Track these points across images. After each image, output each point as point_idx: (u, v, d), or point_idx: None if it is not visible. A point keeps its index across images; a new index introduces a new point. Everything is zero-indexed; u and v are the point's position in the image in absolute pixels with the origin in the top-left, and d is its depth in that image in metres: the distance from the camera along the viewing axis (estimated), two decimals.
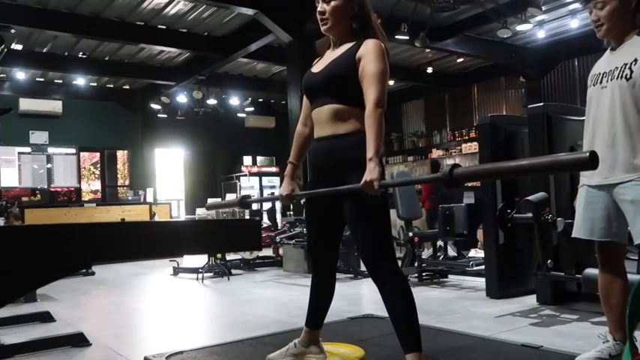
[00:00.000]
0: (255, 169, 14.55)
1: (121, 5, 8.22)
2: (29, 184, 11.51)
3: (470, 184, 10.94)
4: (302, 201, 8.56)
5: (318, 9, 2.30)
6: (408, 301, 2.20)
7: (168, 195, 13.21)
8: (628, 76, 2.38)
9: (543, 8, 7.39)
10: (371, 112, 2.13)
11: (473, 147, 11.78)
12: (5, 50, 4.41)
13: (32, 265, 1.31)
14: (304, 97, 2.50)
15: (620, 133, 2.39)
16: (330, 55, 2.35)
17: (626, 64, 2.40)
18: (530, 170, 1.76)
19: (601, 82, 2.50)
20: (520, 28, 8.02)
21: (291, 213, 8.41)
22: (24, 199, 10.47)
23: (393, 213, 4.09)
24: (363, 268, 6.12)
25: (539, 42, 10.14)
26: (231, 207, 2.78)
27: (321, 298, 2.50)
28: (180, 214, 13.33)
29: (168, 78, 11.41)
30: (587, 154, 1.43)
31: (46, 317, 4.20)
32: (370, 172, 2.05)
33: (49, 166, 12.26)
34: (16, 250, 1.27)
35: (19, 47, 9.32)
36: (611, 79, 2.44)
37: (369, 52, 2.20)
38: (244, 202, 2.65)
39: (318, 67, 2.39)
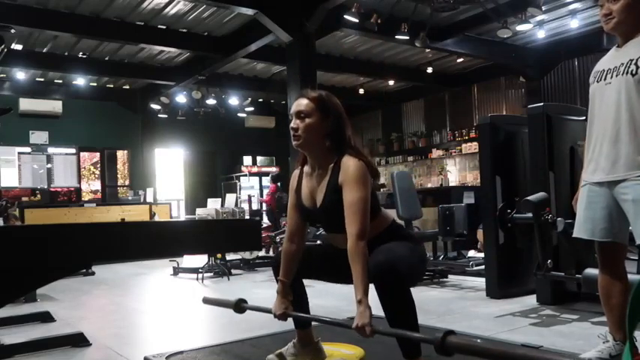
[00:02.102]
0: (255, 169, 14.56)
1: (121, 5, 8.22)
2: (29, 184, 11.50)
3: (470, 184, 10.95)
4: None
5: (291, 125, 2.27)
6: (408, 305, 2.17)
7: (168, 195, 13.21)
8: (634, 72, 2.37)
9: (543, 8, 7.39)
10: (354, 247, 2.09)
11: (473, 147, 11.78)
12: (5, 50, 4.41)
13: (32, 265, 1.31)
14: (290, 212, 2.43)
15: (624, 129, 2.38)
16: (314, 183, 2.32)
17: (632, 60, 2.39)
18: None
19: (605, 79, 2.49)
20: (520, 28, 8.02)
21: None
22: (24, 199, 10.45)
23: (393, 213, 4.08)
24: None
25: (539, 42, 10.14)
26: (227, 307, 2.75)
27: (296, 298, 2.48)
28: (180, 214, 13.33)
29: (168, 78, 11.41)
30: None
31: (46, 317, 4.20)
32: (361, 317, 2.03)
33: (49, 166, 12.26)
34: (16, 250, 1.27)
35: (19, 47, 9.32)
36: (617, 75, 2.43)
37: (348, 180, 2.16)
38: (240, 306, 2.63)
39: (306, 197, 2.35)
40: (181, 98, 12.02)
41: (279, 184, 9.91)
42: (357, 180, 2.15)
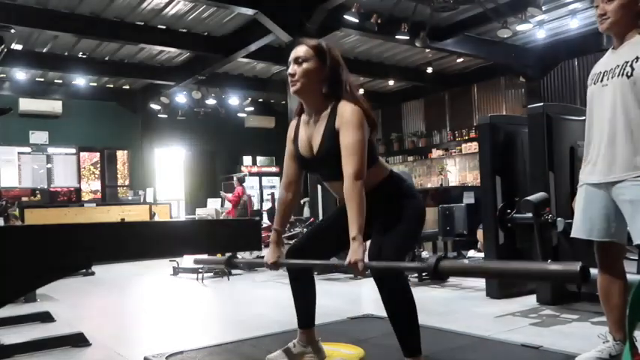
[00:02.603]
0: (255, 169, 14.56)
1: (121, 5, 8.22)
2: (29, 184, 11.51)
3: (469, 185, 10.96)
4: (302, 201, 8.58)
5: (289, 70, 2.27)
6: (408, 304, 2.19)
7: (168, 195, 13.21)
8: (629, 74, 2.37)
9: (543, 8, 7.39)
10: (350, 186, 2.09)
11: (473, 147, 11.79)
12: (5, 50, 4.41)
13: (32, 265, 1.31)
14: (287, 161, 2.44)
15: (620, 131, 2.38)
16: (311, 131, 2.31)
17: (627, 62, 2.39)
18: (519, 275, 1.72)
19: (602, 81, 2.49)
20: (520, 28, 8.03)
21: None
22: (24, 199, 10.46)
23: None
24: None
25: (539, 42, 10.15)
26: (218, 265, 2.73)
27: (305, 299, 2.49)
28: (180, 214, 13.33)
29: (168, 78, 11.41)
30: (578, 268, 1.36)
31: (45, 317, 4.20)
32: (354, 253, 2.03)
33: (49, 166, 12.26)
34: (16, 250, 1.27)
35: (19, 47, 9.32)
36: (612, 77, 2.44)
37: (345, 123, 2.17)
38: (231, 262, 2.60)
39: (303, 145, 2.35)
40: (181, 98, 12.03)
41: (244, 185, 9.79)
42: (353, 123, 2.16)
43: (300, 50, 2.27)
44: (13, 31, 5.12)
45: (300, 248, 2.45)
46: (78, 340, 3.42)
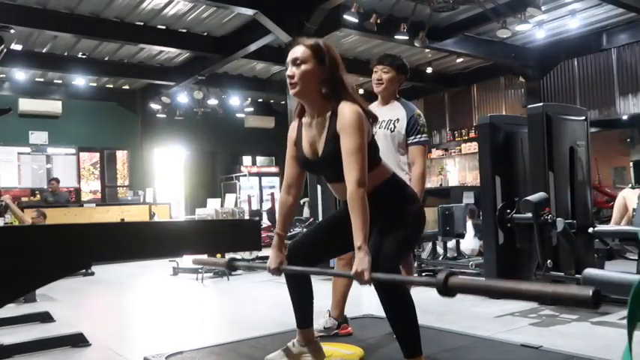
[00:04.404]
0: (254, 170, 14.55)
1: (121, 5, 8.22)
2: (29, 185, 11.50)
3: (469, 185, 10.95)
4: (302, 201, 8.57)
5: (287, 72, 2.25)
6: (407, 305, 2.19)
7: (167, 195, 13.20)
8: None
9: (543, 8, 7.39)
10: (353, 194, 2.08)
11: (472, 147, 11.79)
12: (5, 50, 4.42)
13: (32, 265, 1.31)
14: (288, 163, 2.42)
15: None
16: (314, 133, 2.30)
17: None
18: (532, 296, 1.72)
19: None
20: (519, 28, 8.03)
21: None
22: (23, 199, 10.46)
23: None
24: None
25: (539, 42, 10.15)
26: (219, 266, 2.70)
27: (303, 299, 2.49)
28: (180, 214, 13.32)
29: (168, 78, 11.41)
30: (590, 293, 1.34)
31: (45, 317, 4.20)
32: (360, 263, 2.02)
33: (48, 166, 12.25)
34: (16, 250, 1.26)
35: (18, 47, 9.31)
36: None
37: (344, 127, 2.15)
38: (232, 264, 2.59)
39: (307, 147, 2.34)
40: (182, 98, 12.02)
41: None
42: (352, 127, 2.14)
43: (298, 51, 2.25)
44: (12, 31, 5.13)
45: (300, 250, 2.44)
46: (78, 340, 3.42)
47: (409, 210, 2.31)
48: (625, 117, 9.86)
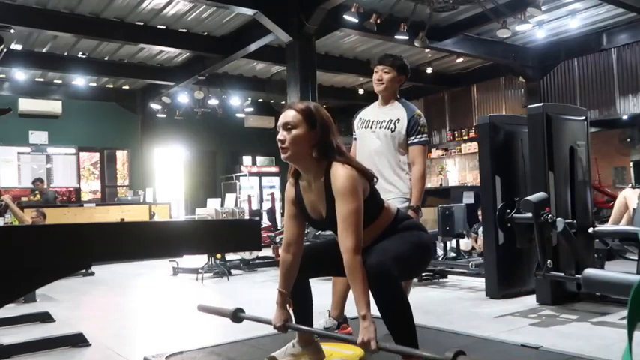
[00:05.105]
0: (254, 170, 14.55)
1: (121, 5, 8.22)
2: (29, 185, 11.50)
3: (469, 185, 10.95)
4: None
5: (278, 137, 2.25)
6: (402, 305, 2.19)
7: (167, 195, 13.21)
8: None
9: (543, 8, 7.39)
10: (350, 263, 2.09)
11: (472, 147, 11.79)
12: (5, 50, 4.41)
13: (32, 265, 1.31)
14: (287, 222, 2.42)
15: None
16: (314, 196, 2.31)
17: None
18: None
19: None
20: (519, 28, 8.03)
21: None
22: (23, 199, 10.46)
23: None
24: None
25: (539, 42, 10.15)
26: (224, 316, 2.70)
27: (302, 301, 2.50)
28: (179, 214, 13.32)
29: (168, 78, 11.41)
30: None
31: (45, 317, 4.20)
32: (366, 331, 2.03)
33: (48, 166, 12.25)
34: (16, 250, 1.26)
35: (18, 47, 9.32)
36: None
37: (338, 193, 2.15)
38: (238, 315, 2.60)
39: (311, 210, 2.34)
40: (183, 98, 12.02)
41: None
42: (345, 192, 2.14)
43: (289, 115, 2.24)
44: (12, 31, 5.12)
45: (311, 257, 2.45)
46: (78, 340, 3.41)
47: (412, 232, 2.33)
48: (625, 117, 9.87)
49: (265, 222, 9.77)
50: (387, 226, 2.32)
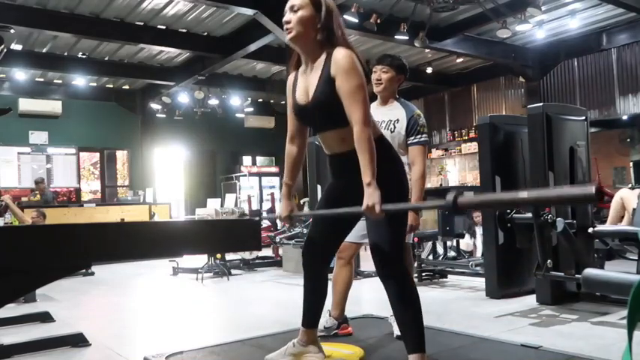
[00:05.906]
0: (254, 170, 14.55)
1: (121, 5, 8.22)
2: (29, 184, 11.50)
3: (469, 185, 10.96)
4: (302, 201, 8.58)
5: (285, 18, 2.29)
6: (414, 302, 2.23)
7: (167, 195, 13.21)
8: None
9: (543, 8, 7.39)
10: (360, 133, 2.11)
11: (472, 147, 11.79)
12: (5, 50, 4.42)
13: (32, 265, 1.31)
14: (289, 115, 2.47)
15: None
16: (307, 79, 2.33)
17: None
18: (536, 202, 1.79)
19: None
20: (519, 28, 8.03)
21: None
22: (23, 199, 10.45)
23: None
24: (362, 268, 6.13)
25: (539, 42, 10.15)
26: None
27: (315, 298, 2.50)
28: (179, 214, 13.33)
29: (168, 78, 11.41)
30: (593, 190, 1.39)
31: (45, 317, 4.20)
32: (370, 197, 2.04)
33: (48, 166, 12.26)
34: (16, 250, 1.26)
35: (18, 47, 9.32)
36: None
37: (340, 70, 2.18)
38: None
39: (300, 94, 2.36)
40: (183, 98, 12.03)
41: None
42: (350, 68, 2.17)
43: None
44: (12, 31, 5.14)
45: (312, 255, 2.48)
46: (78, 341, 3.41)
47: (392, 170, 2.30)
48: (625, 117, 9.87)
49: (265, 222, 9.77)
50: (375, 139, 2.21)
